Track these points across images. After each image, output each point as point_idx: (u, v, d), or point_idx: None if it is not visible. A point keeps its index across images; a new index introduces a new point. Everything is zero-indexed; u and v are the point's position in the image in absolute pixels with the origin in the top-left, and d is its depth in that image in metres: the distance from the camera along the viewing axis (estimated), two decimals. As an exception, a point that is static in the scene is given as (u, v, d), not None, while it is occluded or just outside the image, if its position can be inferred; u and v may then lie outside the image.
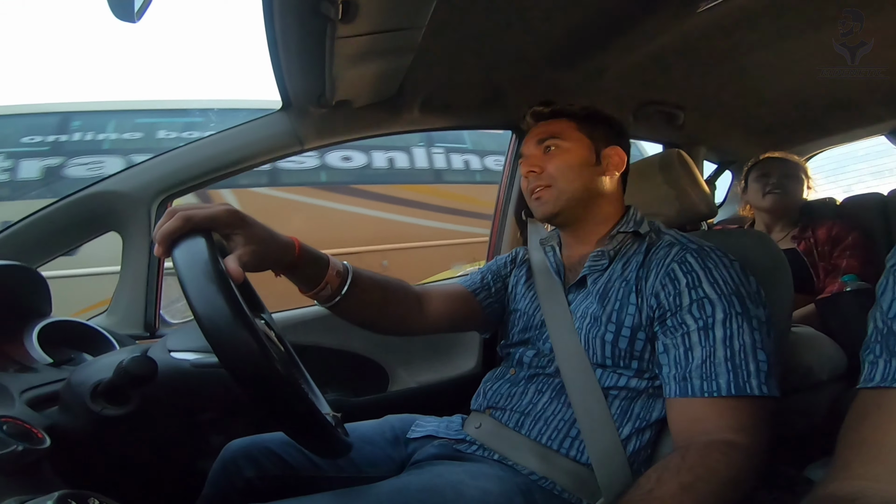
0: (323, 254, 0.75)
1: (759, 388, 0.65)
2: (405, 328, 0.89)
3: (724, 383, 0.65)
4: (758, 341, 0.68)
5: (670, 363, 0.71)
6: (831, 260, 1.46)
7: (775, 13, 0.98)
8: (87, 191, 1.11)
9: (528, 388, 0.82)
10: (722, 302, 0.70)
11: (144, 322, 1.18)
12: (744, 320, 0.69)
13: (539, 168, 0.86)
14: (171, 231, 0.56)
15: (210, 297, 0.48)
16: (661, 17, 0.97)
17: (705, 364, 0.67)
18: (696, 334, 0.69)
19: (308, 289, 0.75)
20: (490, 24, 0.97)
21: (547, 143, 0.87)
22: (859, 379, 0.43)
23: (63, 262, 1.26)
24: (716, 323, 0.69)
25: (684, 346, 0.70)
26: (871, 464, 0.37)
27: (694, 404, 0.67)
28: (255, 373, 0.48)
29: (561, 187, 0.85)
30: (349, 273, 0.77)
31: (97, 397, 0.64)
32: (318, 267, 0.74)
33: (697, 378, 0.67)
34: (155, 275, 1.18)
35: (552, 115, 0.90)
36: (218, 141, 1.16)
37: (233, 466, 0.81)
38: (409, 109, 1.23)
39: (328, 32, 0.80)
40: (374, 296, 0.82)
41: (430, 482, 0.70)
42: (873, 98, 1.44)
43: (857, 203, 1.65)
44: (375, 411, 1.01)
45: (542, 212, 0.87)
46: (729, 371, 0.66)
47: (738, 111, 1.52)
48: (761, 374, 0.66)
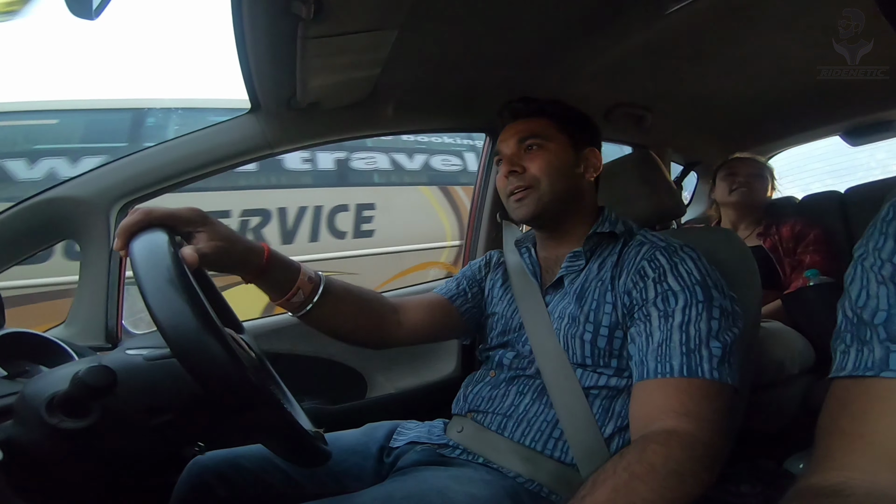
0: (294, 260, 0.74)
1: (710, 373, 0.65)
2: (382, 340, 0.87)
3: (678, 365, 0.66)
4: (714, 329, 0.68)
5: (635, 352, 0.72)
6: (795, 256, 1.52)
7: (740, 15, 1.01)
8: (40, 196, 1.05)
9: (509, 390, 0.82)
10: (685, 292, 0.71)
11: (106, 333, 1.12)
12: (703, 308, 0.70)
13: (520, 168, 0.85)
14: (130, 224, 0.55)
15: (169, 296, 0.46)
16: (631, 18, 0.99)
17: (661, 347, 0.68)
18: (657, 320, 0.71)
19: (278, 296, 0.73)
20: (463, 26, 0.97)
21: (529, 142, 0.86)
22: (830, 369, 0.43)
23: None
24: (676, 310, 0.70)
25: (646, 333, 0.71)
26: (852, 454, 0.38)
27: (648, 387, 0.68)
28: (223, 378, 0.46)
29: (543, 189, 0.84)
30: (321, 281, 0.75)
31: (54, 410, 0.60)
32: (289, 272, 0.72)
33: (653, 360, 0.68)
34: (116, 283, 1.12)
35: (532, 112, 0.89)
36: (182, 144, 1.12)
37: (202, 485, 0.77)
38: (383, 112, 1.21)
39: (299, 32, 0.78)
40: (348, 306, 0.80)
41: (415, 489, 0.68)
42: (828, 100, 1.50)
43: (816, 201, 1.73)
44: (354, 419, 0.98)
45: (522, 213, 0.86)
46: (683, 354, 0.67)
47: (703, 113, 1.57)
48: (714, 359, 0.66)
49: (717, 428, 0.63)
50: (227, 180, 2.90)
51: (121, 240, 0.56)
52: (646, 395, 0.67)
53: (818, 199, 1.73)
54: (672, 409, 0.63)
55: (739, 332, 0.71)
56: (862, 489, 0.35)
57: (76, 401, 0.60)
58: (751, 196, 1.63)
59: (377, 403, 1.34)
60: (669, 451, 0.58)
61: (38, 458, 0.59)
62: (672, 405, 0.64)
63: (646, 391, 0.68)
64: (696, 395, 0.64)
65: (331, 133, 1.21)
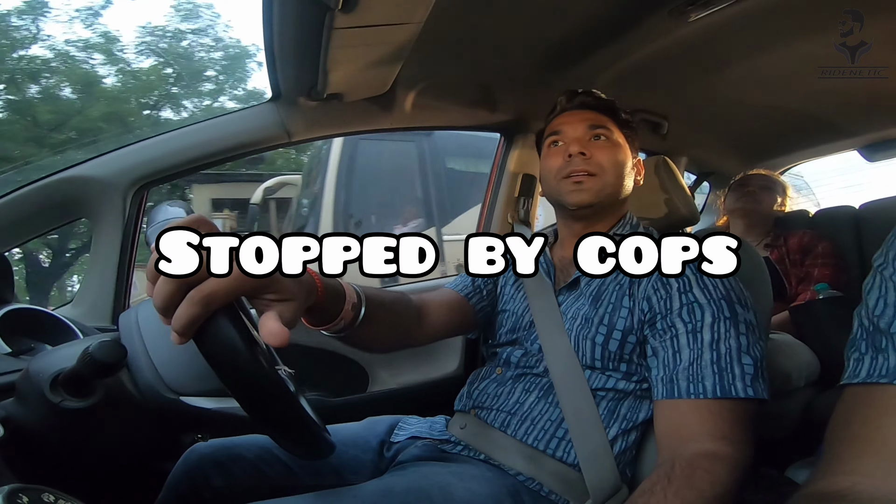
0: (339, 284, 0.65)
1: (745, 391, 0.65)
2: (405, 343, 0.84)
3: (710, 385, 0.66)
4: (744, 345, 0.68)
5: (659, 366, 0.71)
6: (803, 268, 1.52)
7: (762, 26, 1.01)
8: (58, 175, 1.06)
9: (515, 387, 0.82)
10: (711, 306, 0.71)
11: (113, 314, 1.12)
12: (731, 324, 0.69)
13: (588, 152, 0.83)
14: (193, 320, 0.43)
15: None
16: (654, 23, 0.99)
17: (692, 366, 0.68)
18: (685, 337, 0.70)
19: (318, 324, 0.65)
20: (485, 24, 0.97)
21: (598, 132, 0.85)
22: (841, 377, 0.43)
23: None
24: (704, 326, 0.69)
25: (673, 349, 0.70)
26: (862, 458, 0.37)
27: (680, 406, 0.67)
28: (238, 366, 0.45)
29: (607, 180, 0.83)
30: (362, 305, 0.68)
31: (56, 388, 0.60)
32: (336, 305, 0.64)
33: (684, 380, 0.68)
34: (126, 265, 1.13)
35: (601, 107, 0.88)
36: (201, 130, 1.13)
37: (199, 474, 0.75)
38: (400, 107, 1.22)
39: (326, 22, 0.78)
40: (383, 325, 0.74)
41: (416, 483, 0.68)
42: (847, 114, 1.50)
43: (829, 215, 1.72)
44: (355, 412, 0.99)
45: (579, 198, 0.83)
46: (715, 374, 0.66)
47: (719, 123, 1.57)
48: (747, 376, 0.66)
49: (751, 446, 0.64)
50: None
51: (184, 337, 0.44)
52: (678, 416, 0.67)
53: (831, 213, 1.73)
54: (709, 433, 0.64)
55: (765, 344, 0.71)
56: (867, 494, 0.35)
57: (82, 379, 0.59)
58: (758, 205, 1.64)
59: (378, 398, 1.33)
60: (715, 476, 0.59)
61: (36, 437, 0.59)
62: (708, 428, 0.64)
63: (677, 411, 0.67)
64: (730, 417, 0.65)
65: (348, 125, 1.21)
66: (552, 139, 0.88)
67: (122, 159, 1.10)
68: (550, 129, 0.89)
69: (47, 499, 0.39)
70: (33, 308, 0.88)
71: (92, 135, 7.01)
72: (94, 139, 6.05)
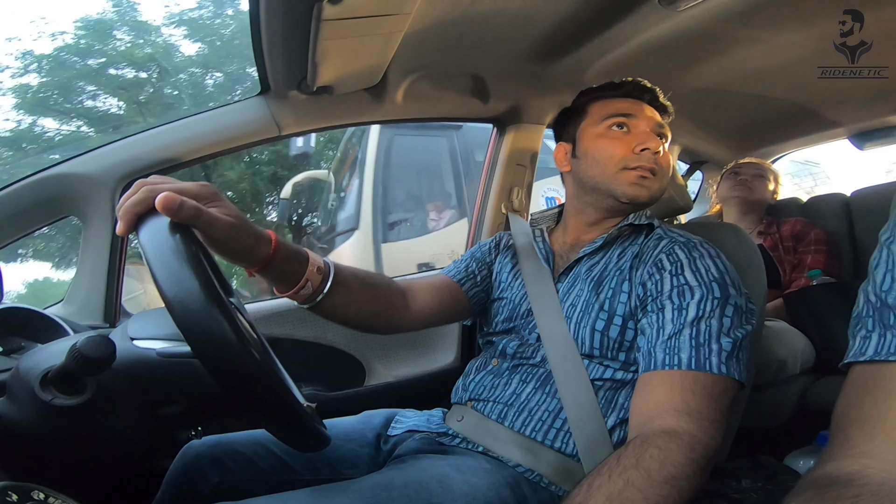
0: (302, 249, 0.69)
1: (719, 367, 0.65)
2: (391, 326, 0.84)
3: (686, 357, 0.66)
4: (726, 326, 0.68)
5: (644, 342, 0.72)
6: (796, 255, 1.53)
7: (753, 16, 1.01)
8: (46, 172, 1.04)
9: (511, 378, 0.81)
10: (701, 288, 0.71)
11: (104, 312, 1.11)
12: (718, 305, 0.70)
13: (661, 151, 0.83)
14: (135, 204, 0.50)
15: (181, 279, 0.45)
16: (645, 13, 0.98)
17: (671, 339, 0.68)
18: (671, 313, 0.71)
19: (286, 288, 0.69)
20: (476, 13, 0.96)
21: (661, 132, 0.86)
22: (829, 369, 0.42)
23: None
24: (690, 305, 0.70)
25: (658, 325, 0.71)
26: (873, 440, 0.37)
27: (653, 379, 0.67)
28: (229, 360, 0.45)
29: (663, 184, 0.85)
30: (331, 270, 0.72)
31: (47, 385, 0.59)
32: (297, 263, 0.68)
33: (661, 352, 0.68)
34: (117, 262, 1.12)
35: (663, 111, 0.89)
36: (190, 124, 1.11)
37: (195, 470, 0.76)
38: (391, 98, 1.20)
39: (315, 13, 0.77)
40: (358, 294, 0.76)
41: (414, 476, 0.68)
42: (838, 102, 1.50)
43: (821, 202, 1.73)
44: (352, 406, 0.98)
45: (643, 193, 0.83)
46: (692, 348, 0.66)
47: (711, 113, 1.57)
48: (723, 353, 0.66)
49: (717, 427, 0.63)
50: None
51: (125, 221, 0.51)
52: (649, 389, 0.67)
53: (822, 200, 1.74)
54: (674, 408, 0.63)
55: (752, 328, 0.71)
56: (878, 479, 0.35)
57: (71, 375, 0.58)
58: (751, 193, 1.66)
59: (375, 391, 1.33)
60: (667, 455, 0.58)
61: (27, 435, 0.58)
62: (675, 403, 0.63)
63: (650, 384, 0.68)
64: (701, 393, 0.64)
65: (339, 118, 1.20)
66: (618, 121, 0.85)
67: (110, 155, 1.08)
68: (617, 109, 0.86)
69: (36, 496, 0.39)
70: (24, 307, 0.87)
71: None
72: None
